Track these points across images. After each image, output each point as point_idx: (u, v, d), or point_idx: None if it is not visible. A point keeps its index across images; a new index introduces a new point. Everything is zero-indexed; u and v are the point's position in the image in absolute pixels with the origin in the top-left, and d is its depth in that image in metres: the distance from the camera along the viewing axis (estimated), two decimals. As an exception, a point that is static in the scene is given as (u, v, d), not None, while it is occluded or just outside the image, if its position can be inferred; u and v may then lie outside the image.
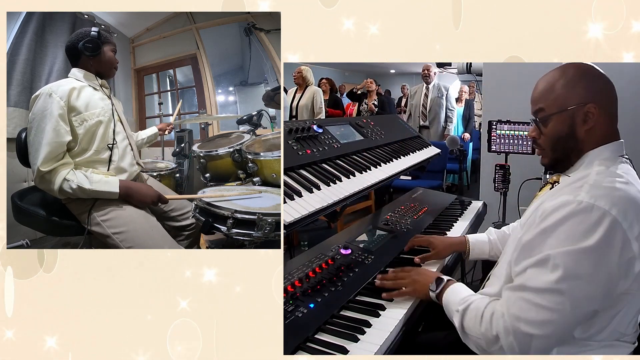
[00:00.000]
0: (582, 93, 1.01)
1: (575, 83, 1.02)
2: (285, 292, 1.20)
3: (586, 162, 1.02)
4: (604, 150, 1.02)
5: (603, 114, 1.01)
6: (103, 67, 1.82)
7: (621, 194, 0.90)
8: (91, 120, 1.71)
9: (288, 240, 2.87)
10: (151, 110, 4.15)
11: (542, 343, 0.89)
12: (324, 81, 5.61)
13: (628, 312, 0.96)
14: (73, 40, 1.77)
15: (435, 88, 4.77)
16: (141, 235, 1.73)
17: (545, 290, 0.88)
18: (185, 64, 4.08)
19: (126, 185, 1.74)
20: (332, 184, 1.31)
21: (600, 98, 1.01)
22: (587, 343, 0.96)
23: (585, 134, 1.02)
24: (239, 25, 3.83)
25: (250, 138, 2.55)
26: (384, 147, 1.84)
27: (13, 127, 2.54)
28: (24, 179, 2.63)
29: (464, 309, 1.03)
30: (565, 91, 1.02)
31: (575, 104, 1.00)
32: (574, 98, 1.01)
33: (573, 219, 0.88)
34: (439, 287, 1.14)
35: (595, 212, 0.87)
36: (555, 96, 1.03)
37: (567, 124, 1.02)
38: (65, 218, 1.80)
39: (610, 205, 0.87)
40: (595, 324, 0.95)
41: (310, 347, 1.02)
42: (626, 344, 1.00)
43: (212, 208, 1.67)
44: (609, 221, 0.86)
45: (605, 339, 0.96)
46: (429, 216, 1.95)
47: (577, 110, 1.01)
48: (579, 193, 0.90)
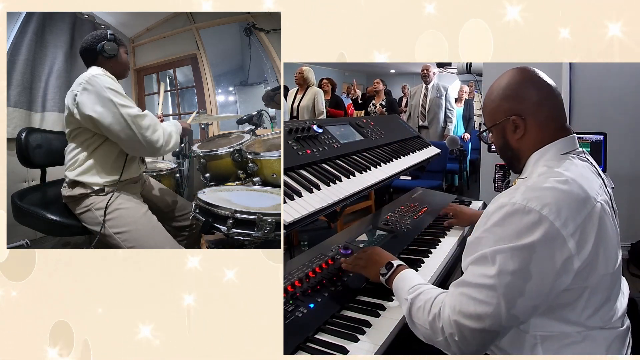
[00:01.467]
0: (506, 106, 1.08)
1: (499, 97, 1.09)
2: (285, 292, 1.20)
3: (532, 163, 1.07)
4: (548, 149, 1.05)
5: (532, 121, 1.06)
6: (120, 68, 1.85)
7: (555, 194, 0.92)
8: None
9: (288, 240, 2.86)
10: (151, 110, 4.14)
11: (480, 336, 0.92)
12: (325, 81, 5.61)
13: (586, 306, 0.97)
14: (90, 41, 1.78)
15: (435, 88, 4.77)
16: (143, 235, 1.73)
17: (481, 286, 0.92)
18: (185, 64, 4.08)
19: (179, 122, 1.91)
20: (332, 184, 1.31)
21: (523, 108, 1.06)
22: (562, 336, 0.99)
23: (517, 143, 1.08)
24: (239, 25, 3.83)
25: (250, 138, 2.55)
26: (384, 147, 1.83)
27: (13, 127, 2.54)
28: (23, 179, 2.63)
29: (413, 297, 1.06)
30: (493, 106, 1.11)
31: (502, 118, 1.09)
32: (500, 113, 1.09)
33: (508, 219, 0.93)
34: (389, 272, 1.19)
35: (528, 213, 0.91)
36: (488, 112, 1.13)
37: (500, 136, 1.11)
38: (66, 218, 1.80)
39: (542, 206, 0.91)
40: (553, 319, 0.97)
41: (310, 347, 1.02)
42: (606, 330, 1.01)
43: (212, 208, 1.67)
44: (542, 221, 0.90)
45: (577, 330, 0.98)
46: (429, 216, 1.95)
47: (505, 123, 1.08)
48: (514, 195, 0.95)
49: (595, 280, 0.95)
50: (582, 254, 0.92)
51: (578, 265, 0.92)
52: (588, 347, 0.99)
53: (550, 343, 0.99)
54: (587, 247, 0.92)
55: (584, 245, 0.92)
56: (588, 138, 2.74)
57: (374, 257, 1.29)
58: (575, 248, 0.91)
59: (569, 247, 0.90)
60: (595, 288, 0.96)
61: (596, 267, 0.94)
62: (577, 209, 0.92)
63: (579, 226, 0.92)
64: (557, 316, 0.97)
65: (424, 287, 1.08)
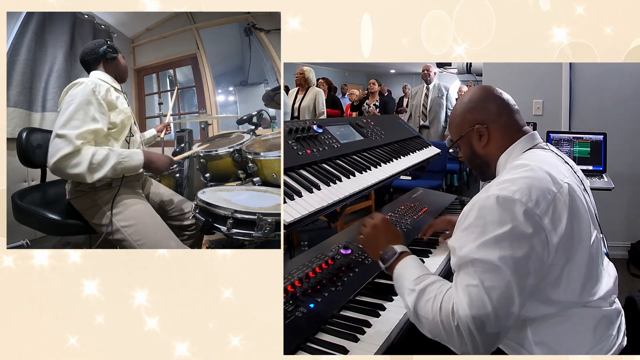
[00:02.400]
0: (470, 118, 1.18)
1: (463, 112, 1.20)
2: (285, 292, 1.20)
3: (502, 164, 1.15)
4: (512, 150, 1.14)
5: (494, 127, 1.15)
6: (120, 71, 1.92)
7: (523, 181, 0.98)
8: (124, 115, 1.80)
9: (288, 240, 2.86)
10: (151, 110, 4.15)
11: (487, 337, 0.90)
12: (321, 81, 5.61)
13: (569, 282, 1.00)
14: (91, 48, 1.86)
15: (436, 88, 4.77)
16: (150, 229, 1.75)
17: (485, 271, 0.92)
18: (185, 64, 4.08)
19: (147, 154, 1.79)
20: (332, 184, 1.31)
21: (485, 116, 1.16)
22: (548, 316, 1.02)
23: (484, 150, 1.18)
24: (239, 25, 3.83)
25: (250, 138, 2.55)
26: (384, 147, 1.84)
27: (13, 127, 2.54)
28: (24, 179, 2.63)
29: (420, 289, 1.00)
30: (458, 120, 1.21)
31: (467, 129, 1.18)
32: (464, 125, 1.19)
33: (483, 211, 0.97)
34: (390, 260, 1.11)
35: (502, 201, 0.96)
36: (454, 127, 1.23)
37: (468, 146, 1.20)
38: (67, 217, 1.80)
39: (513, 192, 0.96)
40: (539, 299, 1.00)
41: (310, 347, 1.02)
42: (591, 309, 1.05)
43: (212, 208, 1.67)
44: (515, 205, 0.95)
45: (562, 308, 1.02)
46: (429, 216, 1.95)
47: (470, 133, 1.18)
48: (488, 190, 1.00)
49: (574, 255, 1.00)
50: (559, 230, 0.97)
51: (556, 241, 0.97)
52: (574, 325, 1.03)
53: (537, 324, 1.03)
54: (561, 224, 0.97)
55: (558, 221, 0.97)
56: (588, 138, 2.74)
57: (376, 230, 1.20)
58: (550, 224, 0.96)
59: (545, 223, 0.95)
60: (574, 263, 1.01)
61: (572, 242, 1.00)
62: (546, 189, 0.98)
63: (550, 204, 0.97)
64: (542, 297, 1.00)
65: (431, 278, 1.02)
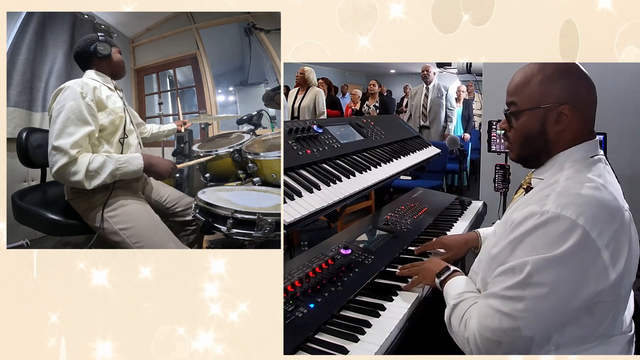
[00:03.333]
0: (558, 93, 0.97)
1: (552, 81, 0.98)
2: (285, 292, 1.20)
3: (557, 164, 0.99)
4: (576, 151, 0.99)
5: (577, 116, 0.98)
6: (115, 68, 1.90)
7: (589, 201, 0.87)
8: (115, 115, 1.78)
9: (288, 240, 2.87)
10: (151, 110, 4.15)
11: (508, 350, 0.89)
12: (321, 81, 5.61)
13: (612, 318, 0.94)
14: (83, 45, 1.83)
15: (435, 88, 4.77)
16: (148, 231, 1.75)
17: (508, 298, 0.88)
18: (185, 64, 4.08)
19: (148, 158, 1.77)
20: (332, 184, 1.31)
21: (577, 100, 0.98)
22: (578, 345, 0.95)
23: (556, 135, 0.99)
24: (239, 25, 3.83)
25: (250, 138, 2.55)
26: (384, 147, 1.84)
27: (13, 127, 2.54)
28: (24, 179, 2.63)
29: (455, 303, 1.04)
30: (540, 88, 0.98)
31: (549, 104, 0.97)
32: (548, 97, 0.98)
33: (540, 230, 0.87)
34: (443, 276, 1.17)
35: (562, 221, 0.85)
36: (530, 92, 1.00)
37: (538, 123, 0.99)
38: (67, 218, 1.80)
39: (578, 214, 0.85)
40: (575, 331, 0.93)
41: (310, 347, 1.02)
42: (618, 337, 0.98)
43: (212, 208, 1.67)
44: (577, 231, 0.84)
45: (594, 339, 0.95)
46: (429, 216, 1.95)
47: (550, 110, 0.98)
48: (546, 202, 0.89)
49: (625, 291, 0.92)
50: (618, 266, 0.87)
51: (614, 277, 0.87)
52: (600, 352, 0.95)
53: (562, 350, 0.94)
54: (622, 258, 0.87)
55: (618, 256, 0.87)
56: (588, 138, 2.74)
57: (431, 263, 1.28)
58: (610, 259, 0.86)
59: (604, 258, 0.85)
60: (622, 298, 0.93)
61: (624, 279, 0.90)
62: (612, 218, 0.87)
63: (612, 236, 0.86)
64: (580, 328, 0.92)
65: (468, 295, 1.04)
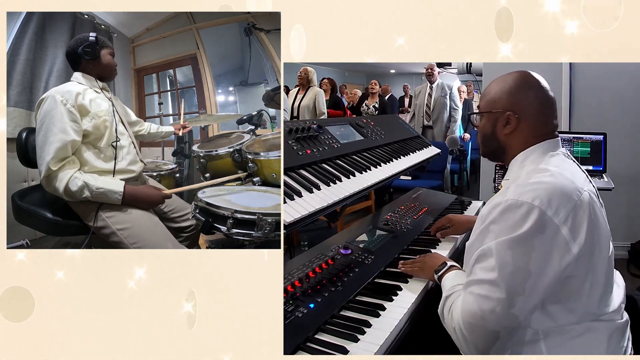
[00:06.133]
0: (508, 100, 1.12)
1: (506, 91, 1.13)
2: (285, 292, 1.20)
3: (517, 164, 1.12)
4: (535, 149, 1.11)
5: (525, 122, 1.11)
6: (103, 71, 1.87)
7: (544, 186, 0.98)
8: (98, 119, 1.75)
9: (288, 240, 2.86)
10: (151, 110, 4.15)
11: (484, 335, 0.96)
12: (325, 81, 5.59)
13: (590, 293, 1.00)
14: (72, 45, 1.82)
15: (439, 87, 4.72)
16: (145, 232, 1.74)
17: (483, 281, 0.97)
18: (185, 64, 4.08)
19: (131, 190, 1.75)
20: (332, 184, 1.31)
21: (521, 108, 1.11)
22: (566, 329, 1.01)
23: (505, 137, 1.14)
24: (239, 25, 3.83)
25: (250, 138, 2.55)
26: (384, 147, 1.84)
27: (13, 127, 2.54)
28: (24, 179, 2.63)
29: (447, 296, 1.10)
30: (495, 96, 1.14)
31: (498, 109, 1.13)
32: (499, 104, 1.13)
33: (503, 216, 0.98)
34: (440, 271, 1.23)
35: (521, 206, 0.96)
36: (489, 98, 1.16)
37: (490, 125, 1.16)
38: (67, 218, 1.79)
39: (534, 198, 0.96)
40: (559, 310, 1.00)
41: (310, 347, 1.02)
42: (606, 322, 1.04)
43: (212, 208, 1.67)
44: (534, 211, 0.95)
45: (580, 321, 1.01)
46: (429, 216, 1.95)
47: (500, 115, 1.13)
48: (507, 193, 1.00)
49: (595, 266, 1.00)
50: (579, 240, 0.96)
51: (577, 250, 0.96)
52: (590, 339, 1.01)
53: (552, 339, 1.00)
54: (581, 233, 0.96)
55: (578, 231, 0.96)
56: (588, 138, 2.74)
57: (432, 258, 1.35)
58: (569, 234, 0.95)
59: (563, 234, 0.95)
60: (596, 273, 1.00)
61: (593, 252, 0.99)
62: (567, 197, 0.97)
63: (569, 213, 0.96)
64: (563, 307, 1.00)
65: (458, 288, 1.10)
